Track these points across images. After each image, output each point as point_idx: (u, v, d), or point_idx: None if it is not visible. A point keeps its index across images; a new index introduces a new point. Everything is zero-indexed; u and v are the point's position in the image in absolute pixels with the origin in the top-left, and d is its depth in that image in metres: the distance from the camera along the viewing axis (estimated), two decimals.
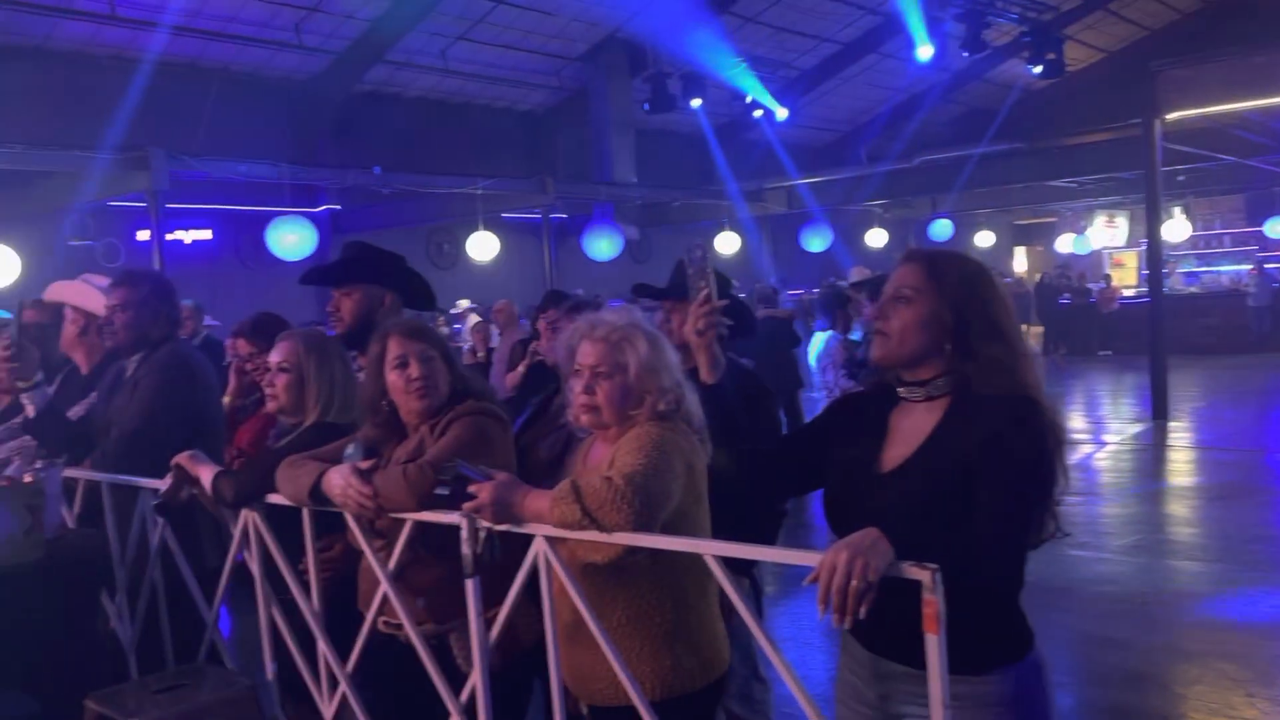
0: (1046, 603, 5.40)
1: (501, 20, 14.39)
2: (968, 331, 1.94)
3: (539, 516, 2.14)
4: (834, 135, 21.25)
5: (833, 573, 1.64)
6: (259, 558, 2.78)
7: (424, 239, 16.43)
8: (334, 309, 3.12)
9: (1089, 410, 13.32)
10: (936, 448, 1.93)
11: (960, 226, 19.92)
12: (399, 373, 2.54)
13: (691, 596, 2.30)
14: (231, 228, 13.96)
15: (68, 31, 11.87)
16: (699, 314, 2.12)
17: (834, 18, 16.58)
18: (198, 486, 2.78)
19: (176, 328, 3.49)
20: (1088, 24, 18.70)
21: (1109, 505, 7.77)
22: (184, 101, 12.87)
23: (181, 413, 3.24)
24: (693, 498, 2.28)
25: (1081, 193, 19.25)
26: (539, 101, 17.29)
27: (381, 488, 2.36)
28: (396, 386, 2.55)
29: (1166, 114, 10.84)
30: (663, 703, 2.23)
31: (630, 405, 2.29)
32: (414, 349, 2.56)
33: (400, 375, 2.54)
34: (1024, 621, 1.99)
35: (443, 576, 2.45)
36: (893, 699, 1.98)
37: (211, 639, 3.08)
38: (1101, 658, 4.71)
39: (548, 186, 13.63)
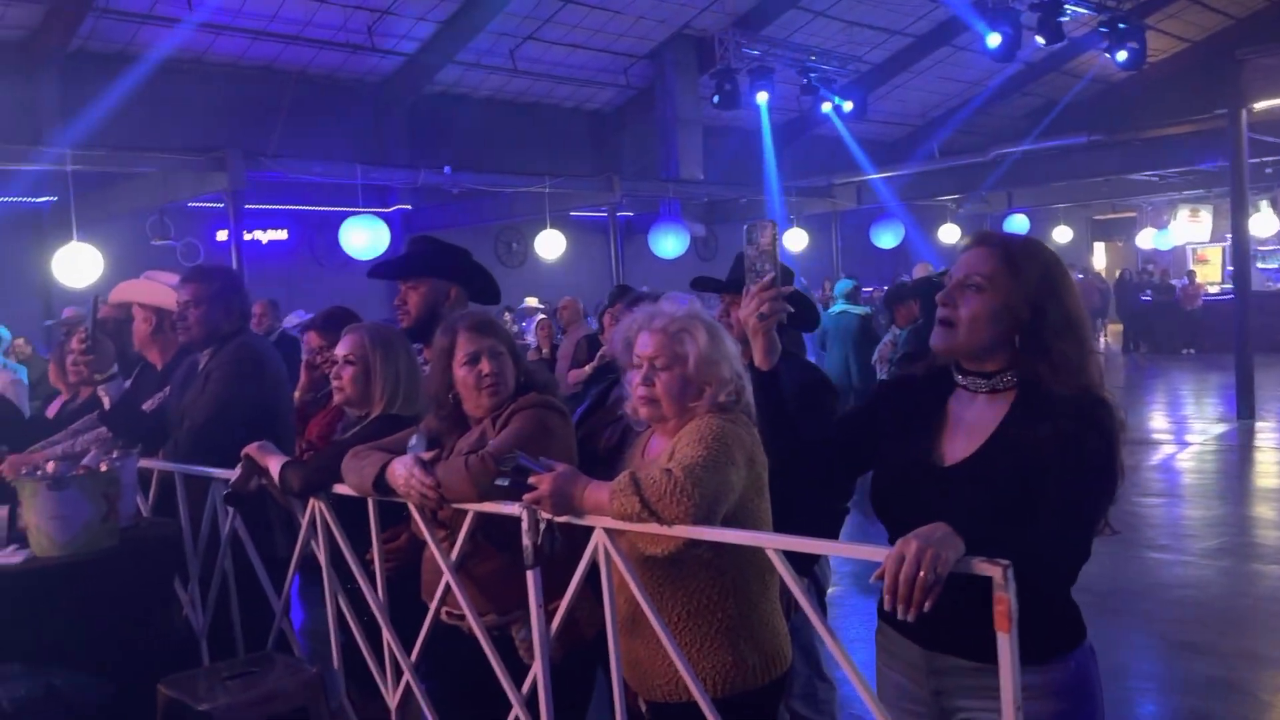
0: (1126, 606, 5.27)
1: (570, 20, 14.45)
2: (1043, 326, 1.87)
3: (599, 508, 2.12)
4: (905, 129, 20.92)
5: (901, 563, 1.61)
6: (326, 547, 2.81)
7: (492, 238, 16.58)
8: (400, 302, 3.15)
9: (1171, 410, 12.91)
10: (1004, 443, 1.88)
11: (1037, 221, 19.46)
12: (469, 369, 2.55)
13: (754, 592, 2.27)
14: (306, 227, 14.25)
15: (148, 37, 12.21)
16: (764, 298, 2.03)
17: (905, 10, 16.32)
18: (267, 477, 2.83)
19: (247, 321, 3.56)
20: (1169, 13, 18.12)
21: (1191, 507, 7.53)
22: (261, 104, 13.18)
23: (251, 405, 3.30)
24: (754, 491, 2.25)
25: (1164, 186, 18.63)
26: (606, 100, 17.33)
27: (443, 478, 2.37)
28: (466, 382, 2.56)
29: (1253, 104, 10.47)
30: (724, 700, 2.20)
31: (689, 397, 2.27)
32: (484, 345, 2.57)
33: (470, 372, 2.55)
34: (1077, 609, 1.96)
35: (504, 568, 2.46)
36: (948, 694, 1.94)
37: (280, 627, 3.13)
38: (1183, 664, 4.55)
39: (614, 185, 13.65)
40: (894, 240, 17.02)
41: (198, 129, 11.93)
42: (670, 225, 14.93)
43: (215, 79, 13.05)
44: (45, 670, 2.61)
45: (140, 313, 3.78)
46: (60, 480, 2.85)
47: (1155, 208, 22.72)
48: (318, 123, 13.73)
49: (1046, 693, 1.82)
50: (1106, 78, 19.44)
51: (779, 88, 15.29)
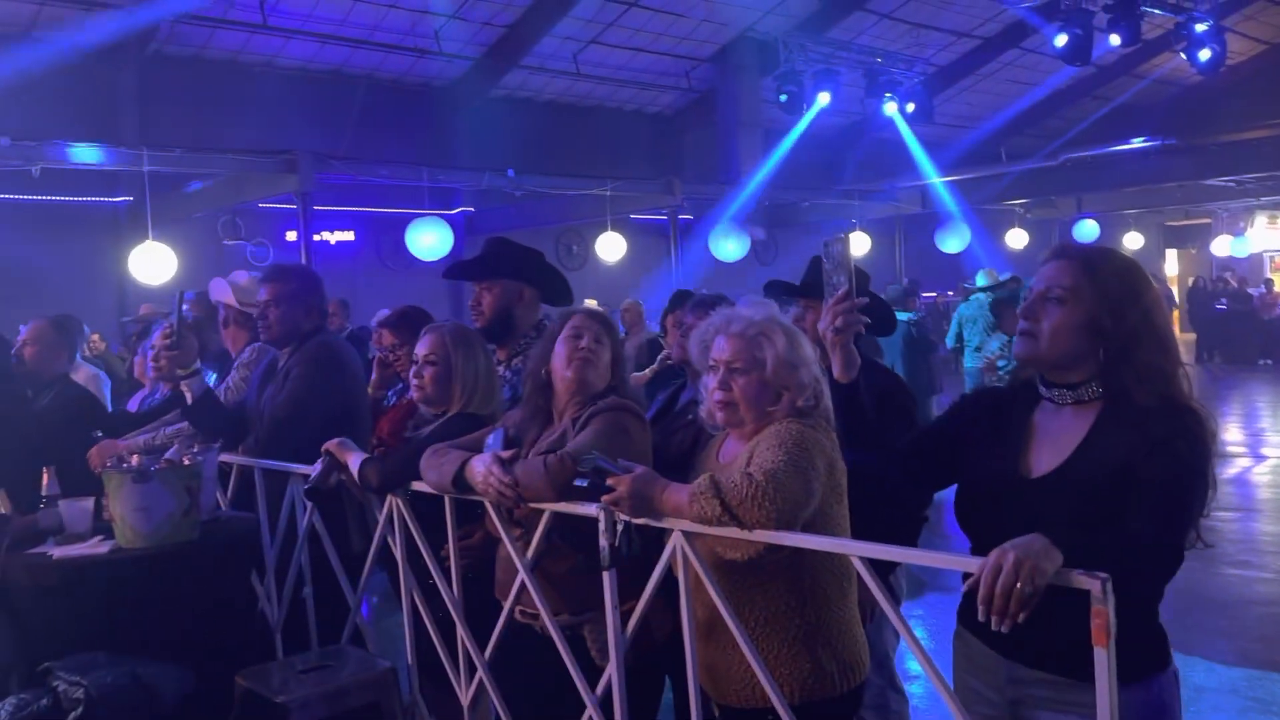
0: (1205, 623, 5.12)
1: (633, 23, 14.47)
2: (1127, 337, 1.85)
3: (677, 511, 2.11)
4: (972, 132, 20.62)
5: (999, 574, 1.58)
6: (402, 544, 2.84)
7: (553, 240, 16.66)
8: (475, 303, 3.18)
9: (1246, 423, 12.53)
10: (1092, 455, 1.86)
11: (1107, 227, 19.01)
12: (572, 343, 2.58)
13: (832, 599, 2.24)
14: (373, 229, 14.46)
15: (222, 41, 12.49)
16: (838, 310, 2.04)
17: (973, 12, 16.08)
18: (346, 473, 2.86)
19: (325, 319, 3.61)
20: (1247, 14, 17.62)
21: (1270, 523, 7.29)
22: (330, 107, 13.40)
23: (330, 401, 3.35)
24: (834, 497, 2.23)
25: (1240, 192, 18.14)
26: (668, 103, 17.33)
27: (522, 477, 2.38)
28: (560, 355, 2.58)
29: None
30: (801, 707, 2.18)
31: (767, 401, 2.25)
32: (593, 328, 2.61)
33: (569, 344, 2.58)
34: (1164, 632, 1.92)
35: (579, 568, 2.46)
36: (1026, 704, 1.92)
37: (355, 622, 3.16)
38: (1265, 684, 4.41)
39: (675, 188, 13.64)
40: (960, 245, 16.76)
41: (269, 131, 12.16)
42: (730, 229, 14.88)
43: (286, 82, 13.30)
44: (128, 660, 2.67)
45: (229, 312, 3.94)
46: (144, 473, 2.91)
47: (1231, 214, 22.08)
48: (384, 126, 13.93)
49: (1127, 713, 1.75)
50: (1179, 80, 18.95)
51: (843, 90, 15.15)
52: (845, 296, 2.06)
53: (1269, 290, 18.49)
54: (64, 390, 4.12)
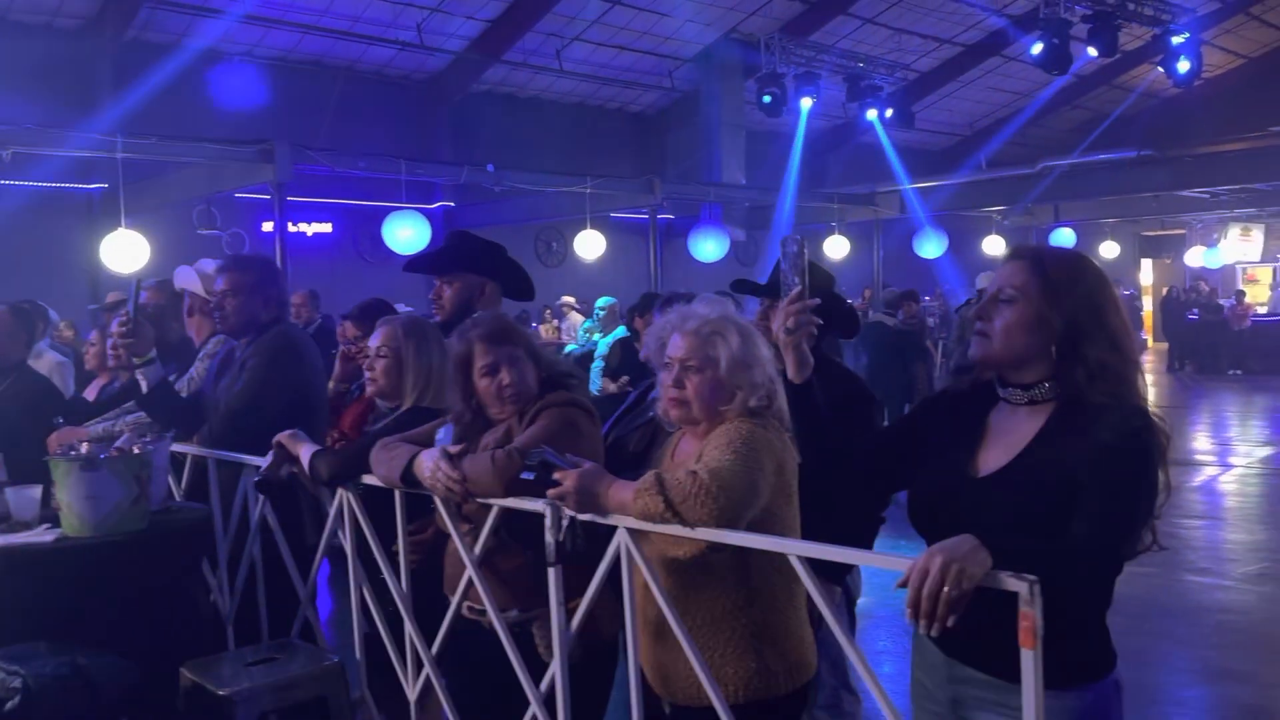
0: (1164, 630, 5.17)
1: (616, 21, 14.47)
2: (1078, 336, 1.85)
3: (622, 508, 2.11)
4: (952, 139, 20.73)
5: (925, 577, 1.58)
6: (352, 538, 2.82)
7: (532, 236, 16.63)
8: (436, 296, 3.16)
9: (1215, 431, 12.65)
10: (1040, 454, 1.85)
11: (1083, 236, 19.15)
12: (489, 380, 2.54)
13: (780, 599, 2.24)
14: (350, 221, 14.38)
15: (201, 29, 12.38)
16: (791, 311, 2.04)
17: (955, 19, 16.16)
18: (297, 465, 2.84)
19: (284, 311, 3.58)
20: (1225, 28, 17.80)
21: (1233, 531, 7.37)
22: (309, 98, 13.31)
23: (286, 393, 3.32)
24: (783, 498, 2.23)
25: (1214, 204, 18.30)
26: (650, 102, 17.33)
27: (470, 472, 2.36)
28: (488, 393, 2.55)
29: None
30: (745, 706, 2.18)
31: (720, 400, 2.25)
32: (502, 355, 2.54)
33: (491, 383, 2.54)
34: (1108, 639, 1.92)
35: (527, 564, 2.45)
36: (965, 704, 1.92)
37: (305, 615, 3.14)
38: (1220, 690, 4.45)
39: (655, 187, 13.64)
40: (937, 250, 16.83)
41: (246, 121, 12.08)
42: (710, 229, 14.89)
43: (265, 72, 13.21)
44: (71, 650, 2.64)
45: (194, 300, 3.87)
46: (92, 461, 2.88)
47: (1205, 225, 22.31)
48: (364, 118, 13.86)
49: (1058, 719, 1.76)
50: (1158, 92, 19.12)
51: (825, 94, 15.19)
52: (798, 297, 2.06)
53: (1240, 301, 18.67)
54: (20, 378, 4.07)
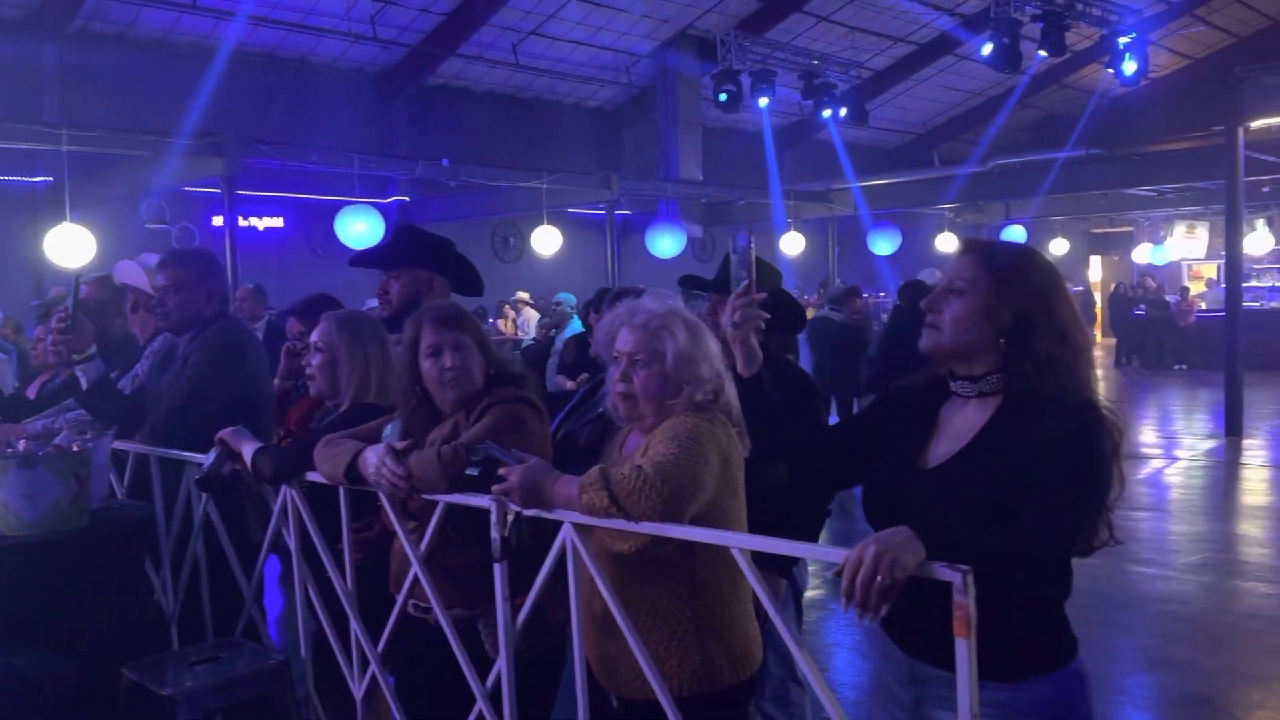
0: (1107, 619, 5.26)
1: (573, 16, 14.44)
2: (1027, 327, 1.86)
3: (568, 503, 2.11)
4: (906, 137, 20.95)
5: (859, 567, 1.59)
6: (296, 535, 2.79)
7: (489, 232, 16.56)
8: (383, 291, 3.14)
9: (1161, 425, 12.91)
10: (985, 446, 1.85)
11: (1035, 233, 19.44)
12: (432, 361, 2.53)
13: (724, 591, 2.25)
14: (303, 216, 14.23)
15: (150, 19, 12.17)
16: (738, 305, 2.05)
17: (908, 18, 16.33)
18: (240, 462, 2.81)
19: (226, 306, 3.54)
20: (1173, 29, 18.16)
21: (1177, 522, 7.53)
22: (261, 91, 13.15)
23: (229, 389, 3.28)
24: (728, 491, 2.24)
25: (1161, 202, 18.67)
26: (608, 98, 17.32)
27: (415, 468, 2.35)
28: (430, 376, 2.53)
29: (1250, 121, 10.49)
30: (690, 699, 2.18)
31: (667, 394, 2.25)
32: (448, 338, 2.54)
33: (434, 364, 2.53)
34: (1067, 629, 1.90)
35: (473, 561, 2.44)
36: (927, 702, 1.92)
37: (249, 614, 3.11)
38: (1161, 678, 4.55)
39: (612, 183, 13.64)
40: (890, 247, 17.01)
41: (196, 113, 11.89)
42: (668, 225, 14.92)
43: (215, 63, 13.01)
44: (9, 650, 2.59)
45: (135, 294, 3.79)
46: (30, 458, 2.83)
47: (1152, 223, 22.76)
48: (317, 111, 13.71)
49: (1016, 712, 1.77)
50: (1108, 92, 19.46)
51: (781, 91, 15.28)
52: (745, 292, 2.06)
53: (1185, 298, 19.06)
54: None
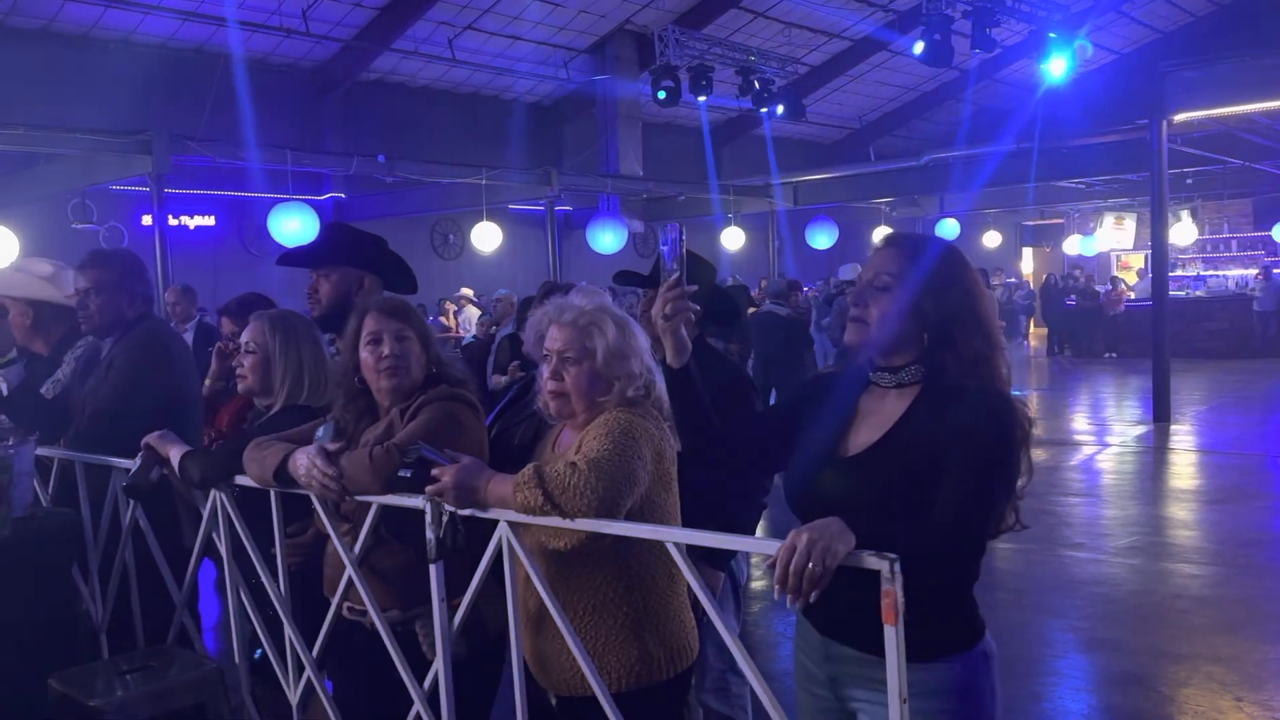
0: (1041, 604, 5.39)
1: (509, 10, 14.36)
2: (951, 324, 1.92)
3: (502, 501, 2.10)
4: (843, 132, 21.18)
5: (792, 554, 1.63)
6: (227, 540, 2.74)
7: (428, 229, 16.43)
8: (312, 290, 3.09)
9: (1093, 412, 13.24)
10: (903, 435, 1.92)
11: (968, 226, 19.82)
12: (371, 349, 2.50)
13: (661, 585, 2.27)
14: (236, 214, 13.98)
15: (73, 14, 11.85)
16: (668, 298, 2.06)
17: (843, 14, 16.51)
18: (168, 467, 2.75)
19: (151, 306, 3.46)
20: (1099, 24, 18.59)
21: (1108, 507, 7.73)
22: (189, 87, 12.88)
23: (156, 392, 3.21)
24: (662, 486, 2.25)
25: (1090, 194, 19.15)
26: (546, 93, 17.26)
27: (346, 469, 2.32)
28: (367, 364, 2.50)
29: (1174, 115, 10.78)
30: (629, 693, 2.19)
31: (599, 391, 2.25)
32: (390, 327, 2.51)
33: (372, 352, 2.50)
34: (976, 612, 1.97)
35: (409, 563, 2.42)
36: (841, 682, 1.98)
37: (181, 621, 3.05)
38: (1093, 659, 4.67)
39: (552, 179, 13.60)
40: (828, 241, 17.22)
41: (123, 110, 11.62)
42: (609, 220, 14.92)
43: (142, 59, 12.73)
44: None
45: (15, 307, 3.58)
46: None
47: (1082, 215, 23.31)
48: (248, 107, 13.45)
49: (926, 691, 1.84)
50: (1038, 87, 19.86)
51: (719, 87, 15.35)
52: (675, 284, 2.07)
53: (1115, 287, 19.55)
54: None
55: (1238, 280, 20.72)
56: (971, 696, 1.91)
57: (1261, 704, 4.01)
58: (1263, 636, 4.78)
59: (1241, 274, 20.95)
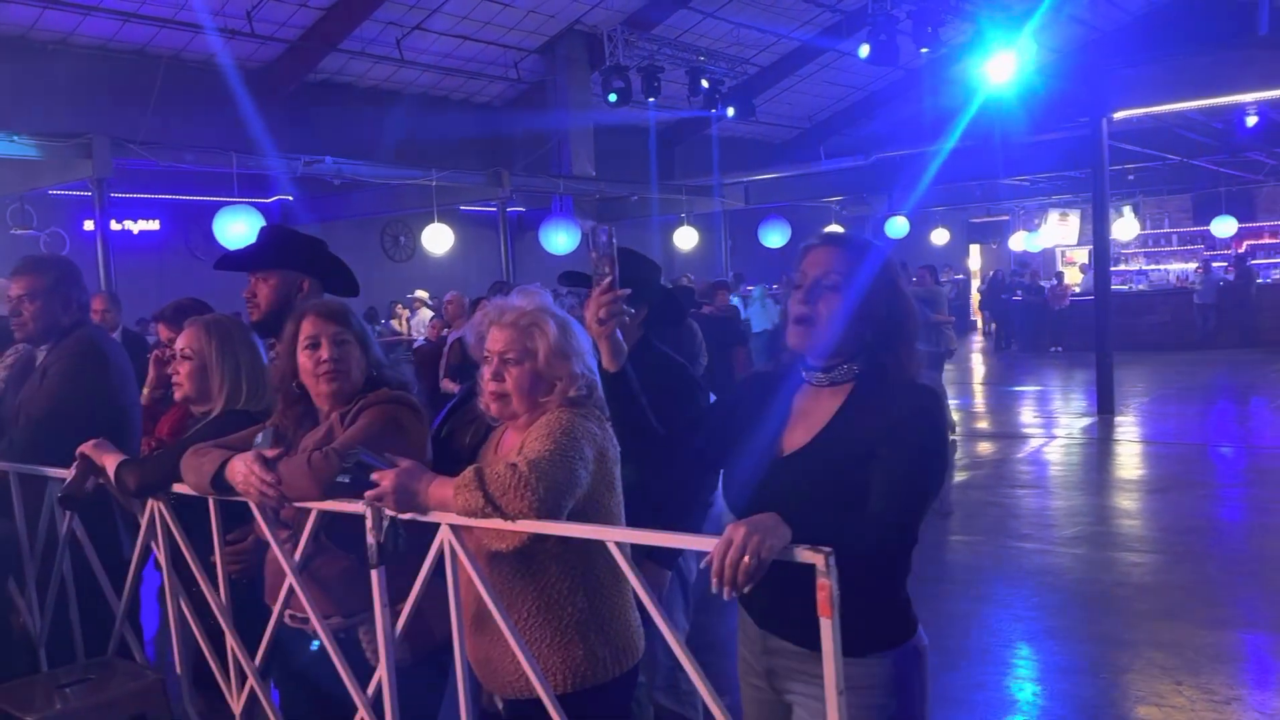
0: (987, 594, 5.48)
1: (458, 10, 14.27)
2: (893, 326, 1.96)
3: (443, 504, 2.09)
4: (793, 132, 21.32)
5: (729, 547, 1.66)
6: (166, 549, 2.70)
7: (378, 231, 16.29)
8: (250, 295, 3.05)
9: (1039, 405, 13.46)
10: (838, 432, 1.96)
11: (916, 224, 20.05)
12: (309, 354, 2.47)
13: (606, 584, 2.27)
14: (180, 218, 13.75)
15: (10, 15, 11.60)
16: (602, 301, 2.07)
17: (792, 14, 16.62)
18: (104, 476, 2.70)
19: (86, 313, 3.39)
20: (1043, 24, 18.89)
21: (1054, 498, 7.86)
22: (132, 89, 12.65)
23: (92, 400, 3.15)
24: (604, 485, 2.25)
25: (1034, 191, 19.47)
26: (497, 93, 17.18)
27: (285, 475, 2.29)
28: (306, 369, 2.47)
29: (1114, 112, 11.00)
30: (574, 694, 2.19)
31: (540, 392, 2.25)
32: (328, 331, 2.48)
33: (310, 357, 2.47)
34: (909, 607, 2.01)
35: (350, 569, 2.40)
36: (778, 674, 2.02)
37: (121, 632, 3.00)
38: (1036, 648, 4.75)
39: (504, 179, 13.54)
40: (780, 240, 17.32)
41: (63, 113, 11.38)
42: (561, 221, 14.89)
43: (83, 61, 12.48)
44: None
45: None
46: None
47: (1027, 212, 23.70)
48: (193, 109, 13.26)
49: (859, 685, 1.86)
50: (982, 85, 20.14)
51: (670, 87, 15.39)
52: (609, 286, 2.08)
53: (1059, 283, 19.90)
54: None
55: (1178, 274, 21.21)
56: (902, 692, 1.94)
57: (1200, 687, 4.11)
58: (1201, 622, 4.90)
59: (1182, 268, 21.46)
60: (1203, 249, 21.34)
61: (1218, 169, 16.48)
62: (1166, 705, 3.98)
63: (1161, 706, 3.98)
